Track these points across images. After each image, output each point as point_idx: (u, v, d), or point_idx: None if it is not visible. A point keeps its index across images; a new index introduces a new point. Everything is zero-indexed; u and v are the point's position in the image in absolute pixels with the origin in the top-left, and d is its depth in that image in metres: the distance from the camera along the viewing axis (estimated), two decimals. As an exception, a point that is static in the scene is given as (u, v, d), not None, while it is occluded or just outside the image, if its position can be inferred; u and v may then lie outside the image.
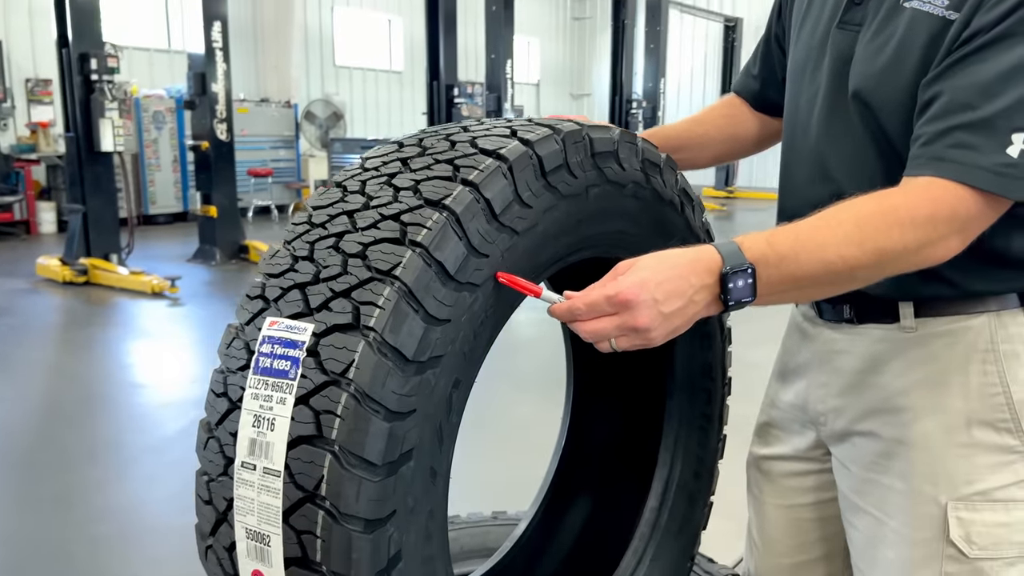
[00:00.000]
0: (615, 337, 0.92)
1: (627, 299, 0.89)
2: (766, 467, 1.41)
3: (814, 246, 0.95)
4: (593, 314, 0.91)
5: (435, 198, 0.92)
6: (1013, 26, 0.93)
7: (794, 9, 1.29)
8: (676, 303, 0.91)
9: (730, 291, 0.93)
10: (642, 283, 0.90)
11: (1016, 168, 0.93)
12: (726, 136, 1.43)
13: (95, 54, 7.33)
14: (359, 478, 0.82)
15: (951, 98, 0.96)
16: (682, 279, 0.91)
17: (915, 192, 0.96)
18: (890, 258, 0.96)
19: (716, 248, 0.95)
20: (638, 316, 0.89)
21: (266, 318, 0.92)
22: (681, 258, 0.94)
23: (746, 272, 0.93)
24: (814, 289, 1.00)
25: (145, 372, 5.21)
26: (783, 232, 0.97)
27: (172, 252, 9.28)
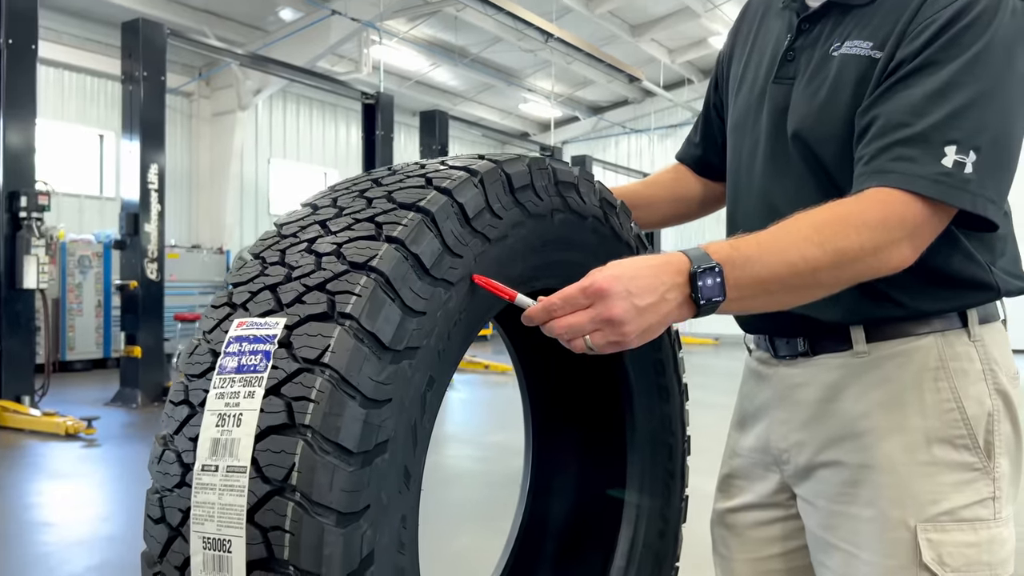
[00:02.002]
0: (590, 332, 0.93)
1: (600, 288, 0.92)
2: (731, 520, 1.38)
3: (776, 249, 1.00)
4: (568, 308, 0.93)
5: (409, 201, 0.94)
6: (933, 55, 1.05)
7: (730, 77, 1.41)
8: (649, 298, 0.94)
9: (700, 289, 0.96)
10: (616, 276, 0.93)
11: (951, 177, 1.01)
12: (673, 197, 1.51)
13: (26, 192, 7.27)
14: (333, 465, 0.79)
15: (886, 120, 1.06)
16: (654, 276, 0.95)
17: (865, 199, 1.03)
18: (849, 259, 1.01)
19: (683, 252, 0.99)
20: (612, 307, 0.92)
21: (233, 320, 0.90)
22: (652, 259, 0.98)
23: (714, 271, 0.97)
24: (782, 294, 1.03)
25: (53, 512, 4.83)
26: (745, 239, 1.02)
27: (90, 396, 8.85)
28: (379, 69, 13.34)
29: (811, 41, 1.22)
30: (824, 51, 1.19)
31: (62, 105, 12.72)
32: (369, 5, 12.40)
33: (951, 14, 1.05)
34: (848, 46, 1.15)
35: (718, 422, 1.51)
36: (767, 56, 1.30)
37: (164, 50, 8.59)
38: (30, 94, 7.49)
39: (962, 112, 1.02)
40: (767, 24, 1.35)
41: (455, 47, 15.12)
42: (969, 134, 1.02)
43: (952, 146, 1.01)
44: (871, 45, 1.12)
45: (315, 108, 16.64)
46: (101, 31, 12.76)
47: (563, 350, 1.43)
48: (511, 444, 6.53)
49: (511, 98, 18.52)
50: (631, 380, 1.35)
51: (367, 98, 11.47)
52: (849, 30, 1.16)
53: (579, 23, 14.48)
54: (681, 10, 14.87)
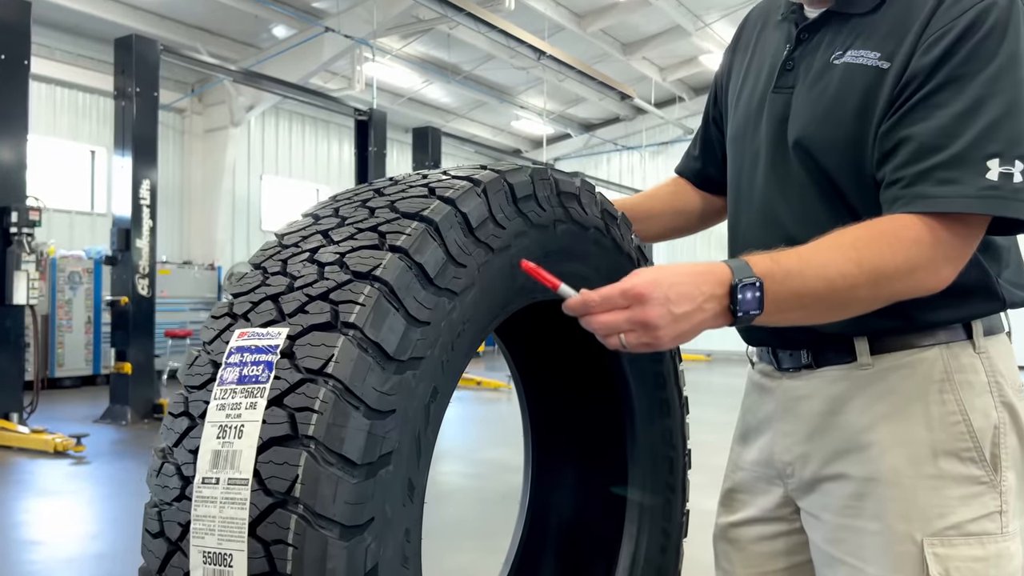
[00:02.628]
0: (625, 332, 0.95)
1: (640, 293, 0.93)
2: (734, 535, 1.37)
3: (817, 264, 1.01)
4: (606, 306, 0.95)
5: (413, 211, 0.93)
6: (955, 70, 1.05)
7: (729, 89, 1.41)
8: (686, 306, 0.95)
9: (739, 302, 0.97)
10: (656, 281, 0.94)
11: (999, 189, 1.01)
12: (672, 210, 1.51)
13: (16, 207, 7.23)
14: (336, 477, 0.77)
15: (920, 143, 1.05)
16: (693, 285, 0.96)
17: (900, 218, 1.04)
18: (886, 277, 1.02)
19: (726, 263, 0.99)
20: (649, 311, 0.93)
21: (235, 331, 0.89)
22: (694, 267, 0.99)
23: (755, 285, 0.98)
24: (818, 308, 1.04)
25: (42, 530, 4.76)
26: (787, 253, 1.03)
27: (79, 413, 8.77)
28: (372, 86, 13.38)
29: (810, 50, 1.22)
30: (824, 60, 1.19)
31: (54, 121, 12.68)
32: (362, 23, 12.45)
33: (966, 24, 1.05)
34: (852, 55, 1.15)
35: (714, 438, 1.50)
36: (766, 67, 1.30)
37: (157, 66, 8.60)
38: (22, 109, 7.47)
39: (997, 124, 1.02)
40: (765, 36, 1.35)
41: (448, 64, 15.18)
42: (1009, 145, 1.02)
43: (995, 159, 1.01)
44: (878, 55, 1.12)
45: (307, 125, 16.65)
46: (93, 47, 12.76)
47: (563, 365, 1.43)
48: (505, 461, 6.49)
49: (503, 115, 18.58)
50: (632, 394, 1.34)
51: (360, 114, 11.49)
52: (851, 39, 1.16)
53: (571, 41, 14.56)
54: (672, 29, 14.98)
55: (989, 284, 1.15)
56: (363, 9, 12.31)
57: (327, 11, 12.76)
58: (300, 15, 12.71)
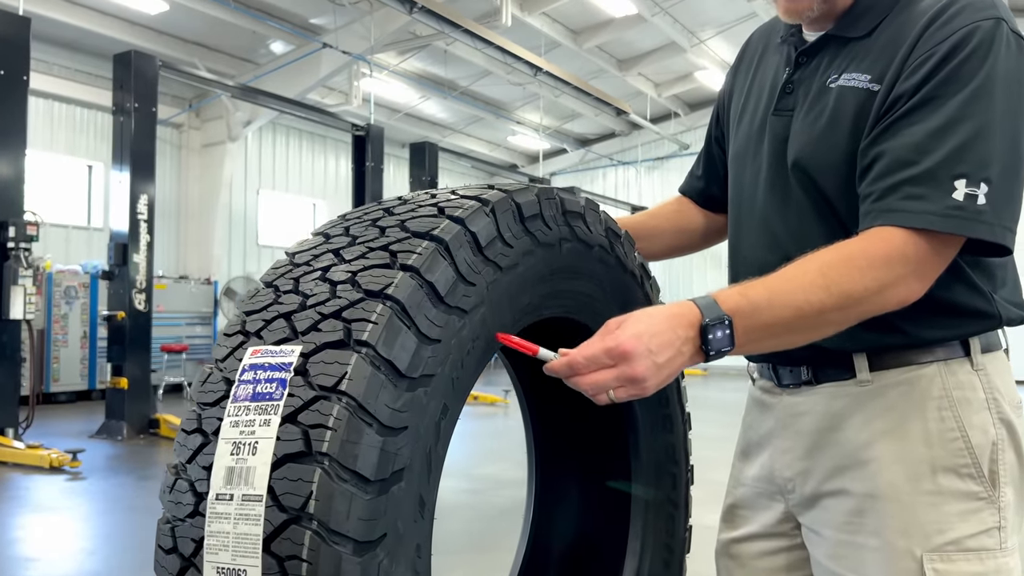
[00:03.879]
0: (614, 388, 0.96)
1: (626, 351, 0.94)
2: (736, 551, 1.38)
3: (784, 293, 1.03)
4: (593, 367, 0.96)
5: (423, 230, 0.95)
6: (933, 90, 1.07)
7: (731, 110, 1.44)
8: (667, 353, 0.97)
9: (710, 342, 0.99)
10: (638, 336, 0.96)
11: (963, 210, 1.03)
12: (676, 228, 1.53)
13: (14, 222, 7.24)
14: (350, 493, 0.79)
15: (892, 158, 1.08)
16: (671, 331, 0.98)
17: (869, 239, 1.06)
18: (855, 299, 1.03)
19: (694, 303, 1.01)
20: (635, 367, 0.95)
21: (248, 348, 0.90)
22: (666, 312, 1.00)
23: (724, 324, 1.00)
24: (789, 336, 1.05)
25: (37, 546, 4.74)
26: (755, 285, 1.04)
27: (74, 428, 8.74)
28: (369, 101, 13.44)
29: (809, 73, 1.25)
30: (822, 83, 1.22)
31: (51, 136, 12.71)
32: (360, 39, 12.52)
33: (948, 48, 1.08)
34: (846, 78, 1.17)
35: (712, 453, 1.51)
36: (766, 89, 1.33)
37: (155, 82, 8.63)
38: (21, 124, 7.49)
39: (968, 146, 1.04)
40: (766, 59, 1.37)
41: (445, 80, 15.27)
42: (977, 167, 1.04)
43: (961, 180, 1.03)
44: (869, 78, 1.14)
45: (304, 140, 16.70)
46: (91, 63, 12.80)
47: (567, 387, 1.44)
48: (502, 476, 6.49)
49: (500, 130, 18.67)
50: (636, 410, 1.35)
51: (357, 130, 11.54)
52: (847, 63, 1.19)
53: (567, 57, 14.67)
54: (667, 45, 15.10)
55: (985, 302, 1.16)
56: (360, 25, 12.39)
57: (325, 27, 12.83)
58: (298, 31, 12.78)
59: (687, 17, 14.14)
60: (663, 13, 13.69)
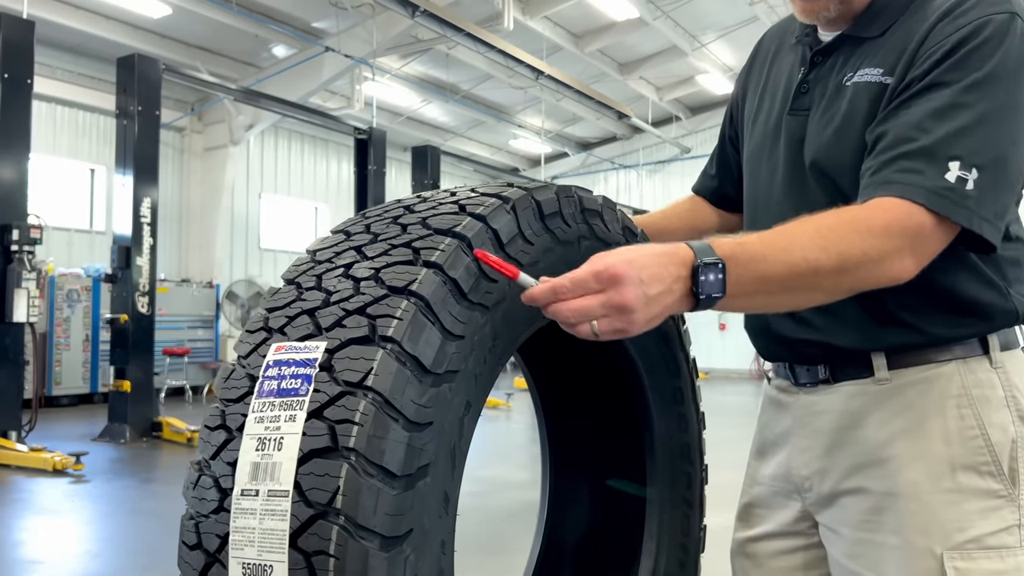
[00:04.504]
0: (599, 317, 0.90)
1: (616, 273, 0.90)
2: (752, 550, 1.38)
3: (780, 248, 1.01)
4: (578, 291, 0.90)
5: (445, 227, 0.95)
6: (940, 75, 1.08)
7: (745, 109, 1.44)
8: (658, 287, 0.93)
9: (701, 284, 0.95)
10: (629, 262, 0.91)
11: (953, 192, 1.03)
12: (690, 228, 1.53)
13: (18, 225, 7.24)
14: (377, 488, 0.79)
15: (894, 135, 1.08)
16: (662, 266, 0.94)
17: (869, 207, 1.05)
18: (852, 264, 1.01)
19: (688, 244, 0.98)
20: (624, 292, 0.90)
21: (271, 345, 0.90)
22: (658, 248, 0.97)
23: (717, 267, 0.96)
24: (781, 295, 1.03)
25: (41, 549, 4.73)
26: (750, 237, 1.03)
27: (77, 431, 8.73)
28: (371, 105, 13.45)
29: (824, 73, 1.25)
30: (837, 82, 1.22)
31: (54, 139, 12.72)
32: (362, 42, 12.54)
33: (960, 37, 1.08)
34: (860, 74, 1.18)
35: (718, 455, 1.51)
36: (781, 89, 1.33)
37: (159, 85, 8.65)
38: (24, 128, 7.50)
39: (967, 130, 1.05)
40: (780, 58, 1.38)
41: (446, 84, 15.28)
42: (972, 152, 1.04)
43: (956, 162, 1.03)
44: (881, 71, 1.15)
45: (306, 143, 16.71)
46: (94, 66, 12.82)
47: (582, 379, 1.44)
48: (508, 478, 6.48)
49: (501, 134, 18.68)
50: (651, 408, 1.36)
51: (360, 133, 11.55)
52: (861, 60, 1.20)
53: (568, 61, 14.68)
54: (669, 49, 15.11)
55: (1000, 297, 1.16)
56: (362, 29, 12.40)
57: (327, 31, 12.85)
58: (300, 35, 12.80)
59: (689, 21, 14.16)
60: (664, 17, 13.70)
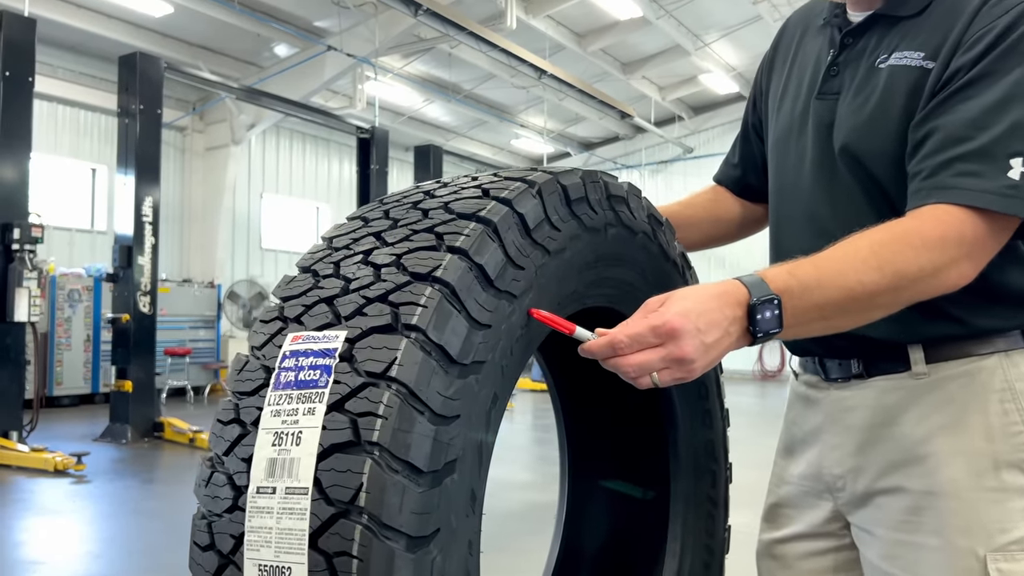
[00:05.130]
0: (658, 370, 0.90)
1: (673, 328, 0.88)
2: (779, 552, 1.33)
3: (834, 273, 0.98)
4: (637, 346, 0.89)
5: (469, 212, 0.91)
6: (990, 65, 1.03)
7: (769, 94, 1.39)
8: (715, 333, 0.91)
9: (758, 323, 0.94)
10: (685, 313, 0.90)
11: (1019, 189, 0.98)
12: (712, 218, 1.48)
13: (19, 224, 7.20)
14: (403, 484, 0.74)
15: (946, 134, 1.03)
16: (718, 310, 0.92)
17: (923, 217, 1.01)
18: (908, 281, 0.98)
19: (741, 281, 0.96)
20: (684, 346, 0.88)
21: (288, 334, 0.85)
22: (712, 290, 0.94)
23: (772, 303, 0.94)
24: (839, 318, 1.00)
25: (42, 550, 4.69)
26: (804, 263, 0.99)
27: (78, 431, 8.69)
28: (374, 105, 13.41)
29: (855, 55, 1.20)
30: (870, 64, 1.17)
31: (55, 139, 12.68)
32: (364, 41, 12.50)
33: (1008, 22, 1.04)
34: (897, 57, 1.13)
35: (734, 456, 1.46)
36: (808, 72, 1.28)
37: (161, 84, 8.61)
38: (26, 127, 7.46)
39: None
40: (807, 42, 1.33)
41: (448, 83, 15.24)
42: None
43: (1018, 158, 0.99)
44: (922, 55, 1.10)
45: (308, 143, 16.67)
46: (96, 66, 12.78)
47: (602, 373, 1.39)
48: (509, 479, 6.43)
49: (503, 134, 18.63)
50: (676, 405, 1.31)
51: (362, 132, 11.51)
52: (896, 41, 1.15)
53: (571, 60, 14.63)
54: (672, 48, 15.06)
55: None
56: (365, 28, 12.36)
57: (329, 30, 12.81)
58: (302, 34, 12.76)
59: (692, 20, 14.11)
60: (668, 16, 13.65)
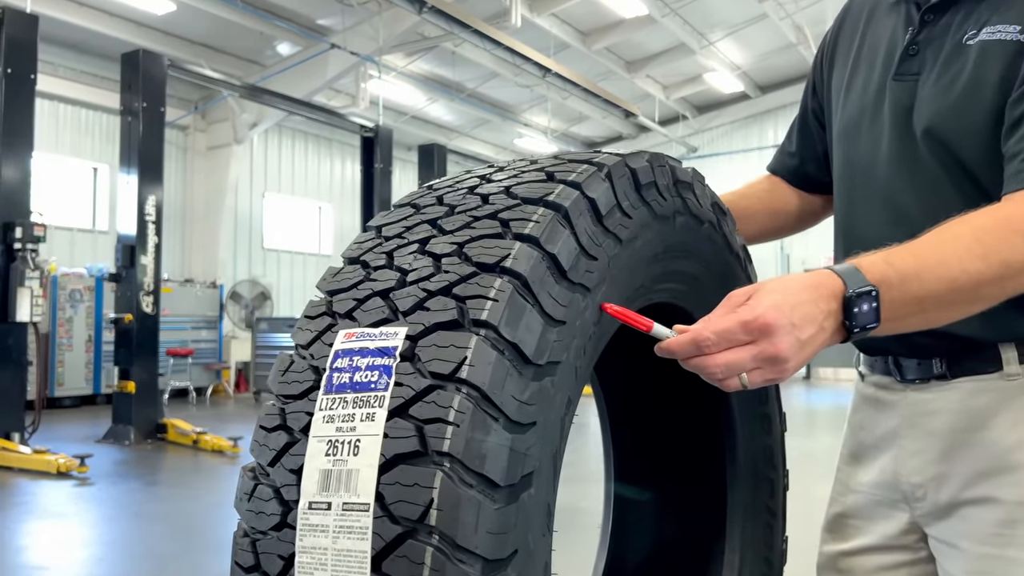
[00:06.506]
0: (749, 370, 0.81)
1: (767, 323, 0.79)
2: (846, 565, 1.24)
3: (935, 263, 0.89)
4: (725, 344, 0.80)
5: (535, 196, 0.82)
6: None
7: (833, 78, 1.30)
8: (810, 329, 0.82)
9: (855, 316, 0.85)
10: (778, 306, 0.80)
11: None
12: (770, 210, 1.39)
13: (21, 223, 7.12)
14: (478, 500, 0.65)
15: None
16: (812, 303, 0.83)
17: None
18: (1015, 270, 0.90)
19: (834, 272, 0.87)
20: (778, 343, 0.80)
21: (339, 332, 0.77)
22: (804, 281, 0.85)
23: (870, 295, 0.85)
24: (938, 312, 0.91)
25: (45, 554, 4.60)
26: (900, 251, 0.91)
27: (80, 433, 8.60)
28: (378, 103, 13.33)
29: (938, 33, 1.12)
30: (956, 41, 1.09)
31: (56, 137, 12.60)
32: (368, 39, 12.42)
33: None
34: (988, 31, 1.05)
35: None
36: (881, 53, 1.20)
37: (164, 82, 8.54)
38: (28, 125, 7.39)
39: None
40: (876, 21, 1.24)
41: (452, 82, 15.16)
42: None
43: None
44: (1019, 28, 1.02)
45: (310, 142, 16.59)
46: (97, 64, 12.70)
47: (653, 374, 1.30)
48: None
49: (506, 133, 18.54)
50: (733, 409, 1.22)
51: (366, 131, 11.44)
52: (987, 15, 1.06)
53: (575, 59, 14.55)
54: (677, 47, 14.99)
55: None
56: (368, 26, 12.28)
57: (332, 28, 12.73)
58: (305, 32, 12.68)
59: (697, 18, 14.03)
60: (673, 14, 13.58)
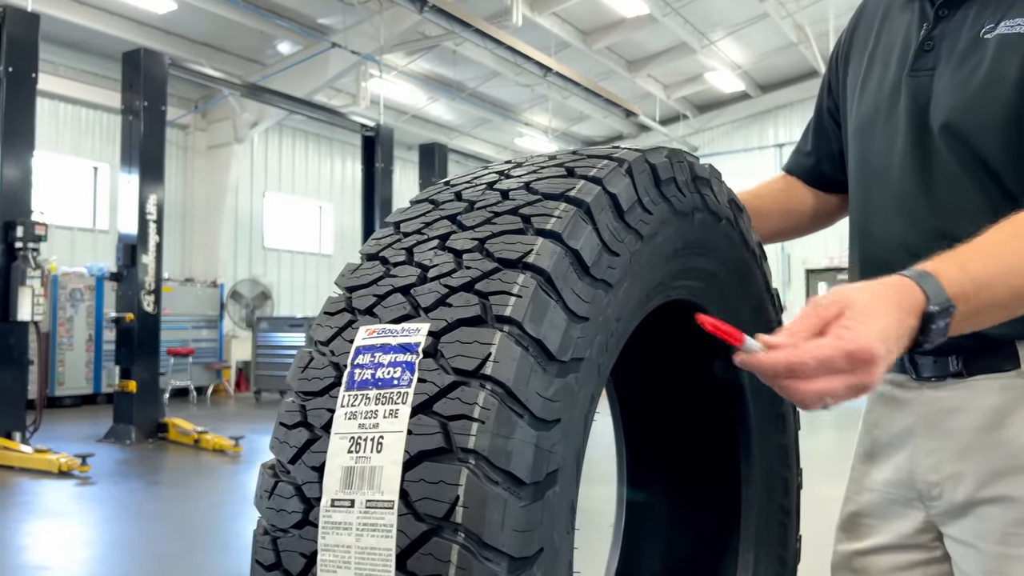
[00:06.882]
0: (840, 397, 0.77)
1: (874, 356, 0.75)
2: (860, 564, 1.24)
3: (1005, 269, 0.88)
4: (824, 372, 0.75)
5: (556, 192, 0.81)
6: None
7: (849, 77, 1.30)
8: (896, 353, 0.79)
9: (931, 333, 0.82)
10: (883, 337, 0.76)
11: None
12: (785, 210, 1.39)
13: (22, 222, 7.11)
14: (503, 498, 0.65)
15: None
16: (900, 323, 0.79)
17: None
18: None
19: (916, 284, 0.83)
20: (876, 374, 0.76)
21: (360, 328, 0.76)
22: (892, 296, 0.81)
23: (948, 313, 0.82)
24: (989, 315, 0.90)
25: (46, 554, 4.59)
26: (971, 256, 0.88)
27: (81, 432, 8.60)
28: (378, 103, 13.32)
29: (953, 27, 1.12)
30: (972, 35, 1.08)
31: (57, 137, 12.59)
32: (368, 38, 12.41)
33: None
34: (1007, 25, 1.04)
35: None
36: (896, 50, 1.19)
37: (165, 81, 8.53)
38: (28, 124, 7.38)
39: None
40: (891, 19, 1.24)
41: (453, 82, 15.15)
42: None
43: None
44: None
45: (311, 142, 16.58)
46: (98, 63, 12.70)
47: (667, 371, 1.30)
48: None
49: (507, 132, 18.54)
50: (749, 408, 1.21)
51: (367, 131, 11.43)
52: (1006, 8, 1.06)
53: (576, 58, 14.55)
54: (677, 46, 14.98)
55: None
56: (369, 25, 12.28)
57: (333, 27, 12.73)
58: (306, 31, 12.67)
59: (698, 18, 14.03)
60: (674, 13, 13.58)
